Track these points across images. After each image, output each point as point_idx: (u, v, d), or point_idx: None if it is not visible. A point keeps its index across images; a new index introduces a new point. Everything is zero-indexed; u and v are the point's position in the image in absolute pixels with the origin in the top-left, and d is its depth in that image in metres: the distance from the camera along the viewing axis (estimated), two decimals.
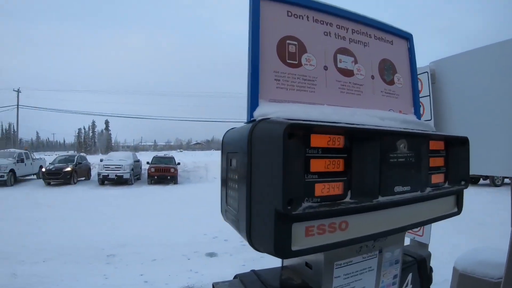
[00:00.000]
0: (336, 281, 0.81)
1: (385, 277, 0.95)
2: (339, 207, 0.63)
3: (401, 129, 0.84)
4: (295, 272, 0.93)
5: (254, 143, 0.64)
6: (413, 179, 0.79)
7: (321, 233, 0.63)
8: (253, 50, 0.77)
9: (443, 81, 1.94)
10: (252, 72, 0.77)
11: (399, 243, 0.97)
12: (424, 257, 1.21)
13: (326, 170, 0.62)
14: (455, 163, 0.94)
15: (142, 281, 4.86)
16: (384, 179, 0.70)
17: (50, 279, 4.80)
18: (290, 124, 0.55)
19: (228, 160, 0.83)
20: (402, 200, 0.75)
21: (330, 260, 0.79)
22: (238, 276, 0.94)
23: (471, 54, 1.78)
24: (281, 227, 0.58)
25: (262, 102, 0.77)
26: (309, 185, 0.60)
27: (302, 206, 0.58)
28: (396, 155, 0.74)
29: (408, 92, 1.10)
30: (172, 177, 19.48)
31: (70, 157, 20.52)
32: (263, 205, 0.61)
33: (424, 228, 2.08)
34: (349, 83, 0.91)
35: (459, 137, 0.95)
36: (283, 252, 0.59)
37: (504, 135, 1.59)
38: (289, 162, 0.55)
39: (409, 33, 1.12)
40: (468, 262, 2.56)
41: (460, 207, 1.02)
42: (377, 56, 1.00)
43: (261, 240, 0.63)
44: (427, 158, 0.86)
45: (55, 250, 6.25)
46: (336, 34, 0.92)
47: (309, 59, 0.85)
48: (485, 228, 7.33)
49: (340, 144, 0.64)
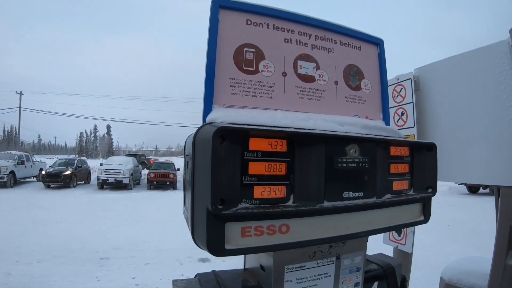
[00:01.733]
0: (287, 285, 0.81)
1: (344, 284, 0.94)
2: (277, 209, 0.63)
3: (354, 134, 0.83)
4: (253, 274, 0.94)
5: (196, 146, 0.66)
6: (367, 185, 0.79)
7: (258, 234, 0.63)
8: (209, 57, 0.79)
9: (427, 87, 1.94)
10: (207, 78, 0.79)
11: (359, 250, 0.96)
12: (392, 265, 1.19)
13: (266, 173, 0.63)
14: (421, 169, 0.94)
15: (134, 284, 4.86)
16: (330, 184, 0.70)
17: (43, 279, 4.83)
18: (220, 128, 0.56)
19: (185, 163, 0.85)
20: (353, 206, 0.75)
21: (280, 263, 0.79)
22: (198, 275, 0.95)
23: (455, 59, 1.78)
24: (213, 226, 0.59)
25: (216, 107, 0.78)
26: (247, 187, 0.61)
27: (238, 206, 0.59)
28: (346, 160, 0.74)
29: (377, 97, 1.09)
30: (171, 183, 19.51)
31: (70, 161, 20.58)
32: (201, 204, 0.62)
33: (407, 237, 2.08)
34: (309, 89, 0.92)
35: (425, 143, 0.95)
36: (217, 250, 0.60)
37: (489, 143, 1.58)
38: (220, 164, 0.56)
39: (379, 39, 1.12)
40: (454, 272, 2.54)
41: (427, 215, 0.99)
42: (342, 62, 1.01)
43: (200, 237, 0.64)
44: (386, 164, 0.86)
45: (49, 251, 6.27)
46: (298, 40, 0.93)
47: (267, 65, 0.86)
48: (481, 237, 7.26)
49: (283, 148, 0.65)
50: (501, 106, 1.53)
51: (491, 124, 1.58)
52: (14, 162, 18.28)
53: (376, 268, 1.14)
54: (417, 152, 0.93)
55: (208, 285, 0.89)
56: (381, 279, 1.13)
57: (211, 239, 0.59)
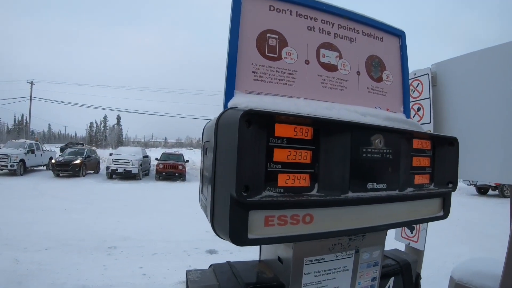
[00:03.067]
0: (306, 277, 0.80)
1: (362, 278, 0.92)
2: (302, 198, 0.61)
3: (380, 124, 0.81)
4: (268, 266, 0.92)
5: (219, 130, 0.64)
6: (391, 177, 0.77)
7: (282, 224, 0.62)
8: (231, 42, 0.78)
9: (444, 83, 1.90)
10: (229, 64, 0.77)
11: (378, 244, 0.94)
12: (408, 261, 1.17)
13: (291, 160, 0.61)
14: (442, 164, 0.91)
15: (141, 273, 4.88)
16: (355, 174, 0.68)
17: (51, 266, 4.86)
18: (247, 111, 0.54)
19: (204, 150, 0.83)
20: (376, 197, 0.74)
21: (300, 255, 0.78)
22: (213, 266, 0.93)
23: (473, 56, 1.74)
24: (236, 213, 0.57)
25: (238, 93, 0.76)
26: (272, 174, 0.59)
27: (262, 194, 0.57)
28: (371, 150, 0.72)
29: (398, 90, 1.07)
30: (180, 174, 19.56)
31: (80, 150, 20.74)
32: (223, 191, 0.61)
33: (420, 235, 2.05)
34: (331, 78, 0.90)
35: (447, 137, 0.92)
36: (239, 240, 0.58)
37: (506, 141, 1.55)
38: (246, 148, 0.54)
39: (401, 31, 1.09)
40: (464, 272, 2.51)
41: (446, 211, 0.97)
42: (365, 52, 0.98)
43: (221, 226, 0.62)
44: (409, 157, 0.83)
45: (58, 239, 6.33)
46: (321, 28, 0.90)
47: (290, 52, 0.84)
48: (490, 239, 7.19)
49: (308, 136, 0.63)
50: None
51: (508, 122, 1.54)
52: (24, 150, 18.48)
53: (392, 263, 1.12)
54: (438, 146, 0.91)
55: (223, 276, 0.88)
56: (397, 275, 1.11)
57: (233, 228, 0.58)
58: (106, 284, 4.38)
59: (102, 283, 4.40)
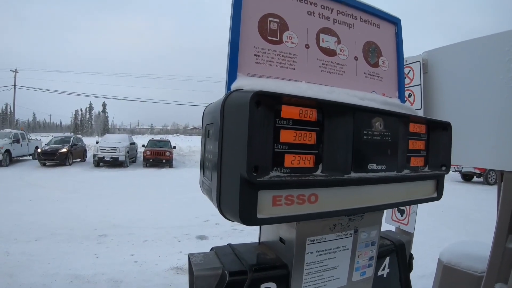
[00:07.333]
0: (308, 257, 0.82)
1: (360, 257, 0.96)
2: (308, 178, 0.63)
3: (380, 108, 0.83)
4: (270, 247, 0.95)
5: (226, 111, 0.65)
6: (389, 158, 0.79)
7: (289, 203, 0.63)
8: (234, 25, 0.78)
9: (435, 71, 1.94)
10: (232, 47, 0.77)
11: (375, 224, 0.97)
12: (403, 242, 1.21)
13: (297, 141, 0.63)
14: (436, 148, 0.95)
15: (132, 261, 4.91)
16: (357, 155, 0.70)
17: (42, 257, 4.85)
18: (257, 92, 0.55)
19: (206, 132, 0.84)
20: (376, 178, 0.76)
21: (302, 235, 0.80)
22: (214, 249, 0.95)
23: (464, 45, 1.77)
24: (246, 194, 0.58)
25: (240, 76, 0.77)
26: (278, 155, 0.61)
27: (270, 174, 0.59)
28: (371, 132, 0.74)
29: (393, 76, 1.09)
30: (167, 161, 19.56)
31: (65, 138, 20.43)
32: (231, 172, 0.62)
33: (410, 218, 2.11)
34: (331, 63, 0.91)
35: (441, 122, 0.95)
36: (249, 220, 0.59)
37: (494, 128, 1.59)
38: (256, 129, 0.56)
39: (397, 18, 1.11)
40: (453, 254, 2.60)
41: (440, 193, 1.01)
42: (362, 38, 1.00)
43: (229, 207, 0.63)
44: (405, 140, 0.86)
45: (47, 229, 6.30)
46: (320, 14, 0.91)
47: (291, 36, 0.85)
48: (474, 224, 7.41)
49: (313, 117, 0.65)
50: (508, 93, 1.54)
51: (497, 110, 1.59)
52: (10, 140, 18.12)
53: (388, 243, 1.16)
54: (433, 130, 0.94)
55: (227, 258, 0.89)
56: (392, 254, 1.16)
57: (243, 208, 0.59)
58: (98, 272, 4.39)
59: (94, 271, 4.41)
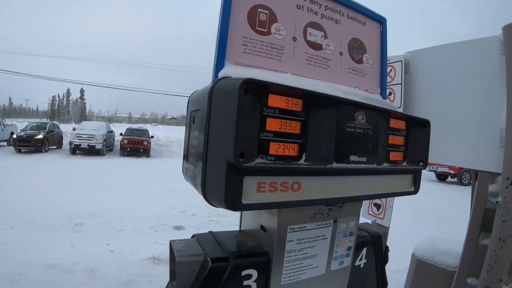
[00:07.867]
0: (289, 245, 0.84)
1: (338, 247, 0.99)
2: (292, 166, 0.65)
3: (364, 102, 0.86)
4: (251, 235, 0.96)
5: (214, 98, 0.66)
6: (370, 151, 0.82)
7: (272, 190, 0.65)
8: (224, 13, 0.79)
9: (416, 71, 2.00)
10: (221, 35, 0.78)
11: (354, 215, 1.01)
12: (379, 233, 1.25)
13: (282, 130, 0.64)
14: (415, 143, 0.98)
15: (108, 250, 4.82)
16: (339, 146, 0.72)
17: (16, 246, 4.70)
18: (246, 80, 0.57)
19: (191, 119, 0.85)
20: (357, 169, 0.79)
21: (284, 223, 0.82)
22: (196, 236, 0.96)
23: (447, 48, 1.83)
24: (232, 179, 0.60)
25: (228, 64, 0.78)
26: (264, 143, 0.62)
27: (255, 161, 0.60)
28: (354, 125, 0.77)
29: (376, 73, 1.12)
30: (144, 150, 19.16)
31: (42, 125, 19.74)
32: (217, 158, 0.63)
33: (386, 212, 2.17)
34: (316, 56, 0.93)
35: (421, 119, 0.99)
36: (234, 205, 0.61)
37: (471, 129, 1.66)
38: (243, 116, 0.57)
39: (382, 17, 1.14)
40: (426, 249, 2.69)
41: (417, 187, 1.05)
42: (348, 34, 1.02)
43: (214, 192, 0.64)
44: (386, 134, 0.89)
45: (22, 218, 6.09)
46: (309, 8, 0.93)
47: (279, 28, 0.86)
48: (448, 222, 7.66)
49: (298, 107, 0.66)
50: (485, 97, 1.61)
51: (475, 112, 1.65)
52: None
53: (365, 235, 1.19)
54: (412, 127, 0.98)
55: (208, 245, 0.91)
56: (369, 245, 1.19)
57: (229, 193, 0.60)
58: (74, 261, 4.29)
59: (70, 260, 4.31)
